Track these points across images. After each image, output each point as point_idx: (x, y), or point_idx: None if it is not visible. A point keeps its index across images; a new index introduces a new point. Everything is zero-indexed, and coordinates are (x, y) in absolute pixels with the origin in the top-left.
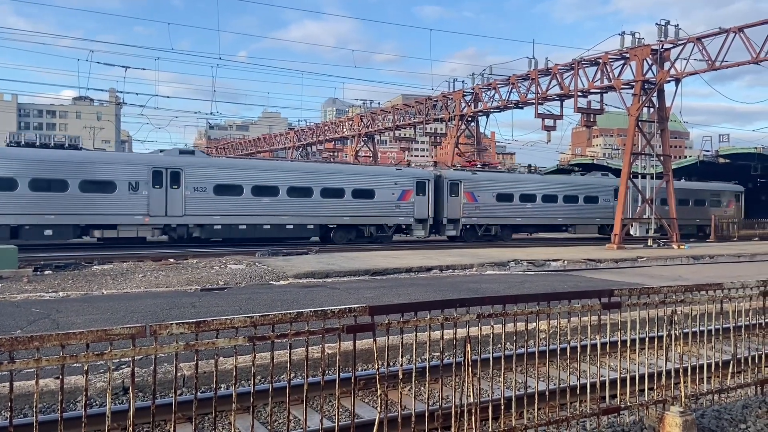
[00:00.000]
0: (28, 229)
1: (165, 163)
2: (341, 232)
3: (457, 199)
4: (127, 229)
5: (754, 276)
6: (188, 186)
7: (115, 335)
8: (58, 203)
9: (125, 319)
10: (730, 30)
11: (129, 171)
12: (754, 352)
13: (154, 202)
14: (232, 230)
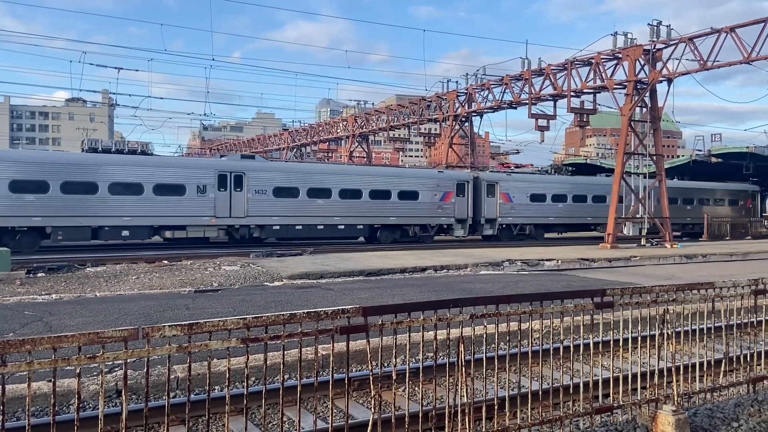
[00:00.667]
0: (107, 230)
1: (229, 167)
2: (387, 232)
3: (494, 199)
4: (195, 230)
5: (746, 275)
6: (250, 189)
7: (108, 338)
8: (134, 206)
9: (118, 322)
10: (721, 30)
11: (197, 175)
12: (746, 350)
13: (219, 204)
14: (289, 230)
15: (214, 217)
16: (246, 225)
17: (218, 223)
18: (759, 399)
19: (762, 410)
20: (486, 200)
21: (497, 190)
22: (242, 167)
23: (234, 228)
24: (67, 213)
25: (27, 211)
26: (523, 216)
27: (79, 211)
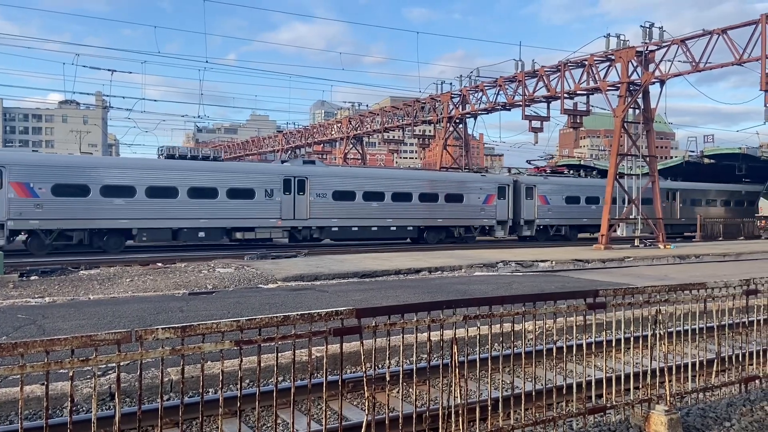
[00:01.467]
0: (186, 231)
1: (293, 172)
2: (433, 233)
3: (532, 202)
4: (263, 231)
5: (739, 275)
6: (312, 192)
7: (101, 341)
8: (209, 209)
9: (112, 324)
10: (713, 32)
11: (265, 179)
12: (737, 350)
13: (285, 207)
14: (346, 232)
15: (279, 219)
16: (308, 227)
17: (283, 225)
18: (751, 399)
19: (754, 410)
20: (525, 203)
21: (535, 192)
22: (305, 172)
23: (297, 229)
24: (150, 216)
25: (116, 214)
26: (559, 217)
27: (161, 214)
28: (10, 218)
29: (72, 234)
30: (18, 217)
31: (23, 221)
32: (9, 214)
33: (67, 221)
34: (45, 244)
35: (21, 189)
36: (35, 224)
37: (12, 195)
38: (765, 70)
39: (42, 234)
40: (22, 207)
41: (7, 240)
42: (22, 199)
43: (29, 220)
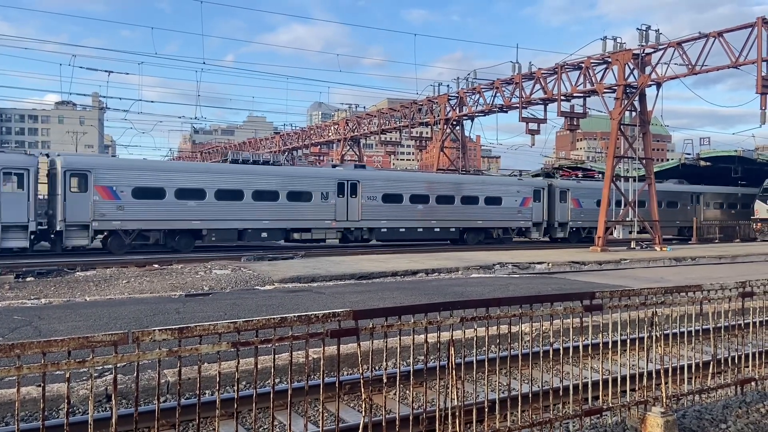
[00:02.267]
0: (250, 232)
1: (346, 176)
2: (473, 234)
3: (566, 205)
4: (319, 232)
5: (734, 277)
6: (363, 195)
7: (97, 342)
8: (271, 211)
9: (108, 326)
10: (709, 35)
11: (321, 183)
12: (733, 352)
13: (338, 209)
14: (394, 233)
15: (334, 221)
16: (360, 228)
17: (337, 226)
18: (747, 400)
19: (750, 412)
20: (559, 205)
21: (569, 196)
22: (357, 176)
23: (349, 230)
24: (219, 217)
25: (188, 216)
26: (591, 220)
27: (228, 215)
28: (94, 219)
29: (149, 234)
30: (101, 218)
31: (106, 222)
32: (94, 216)
33: (146, 222)
34: (125, 243)
35: (105, 192)
36: (117, 225)
37: (97, 198)
38: (761, 73)
39: (122, 234)
40: (105, 209)
41: (90, 239)
42: (105, 202)
43: (111, 221)
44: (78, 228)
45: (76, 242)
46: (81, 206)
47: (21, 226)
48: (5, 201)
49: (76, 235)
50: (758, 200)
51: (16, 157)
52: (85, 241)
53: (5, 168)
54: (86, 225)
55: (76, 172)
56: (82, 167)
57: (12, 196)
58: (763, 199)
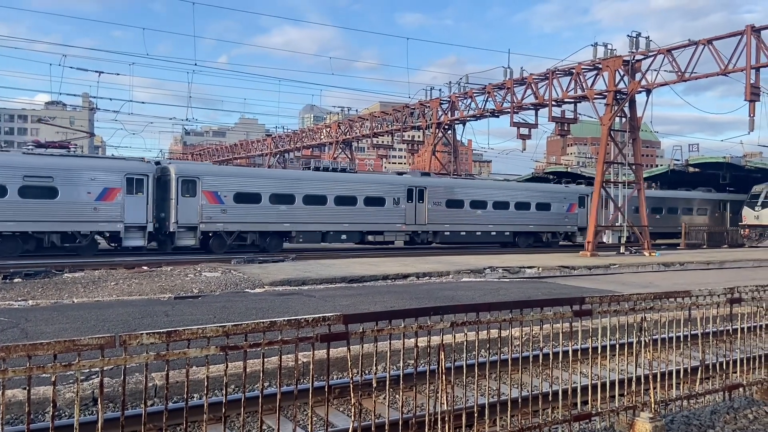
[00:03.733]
0: (331, 234)
1: (415, 183)
2: (523, 237)
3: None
4: (390, 235)
5: (722, 283)
6: (430, 201)
7: (84, 346)
8: (350, 215)
9: (96, 328)
10: (699, 42)
11: (393, 189)
12: (721, 358)
13: (408, 213)
14: (455, 236)
15: (404, 224)
16: (426, 231)
17: (406, 229)
18: (735, 406)
19: (738, 417)
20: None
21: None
22: (424, 183)
23: (417, 233)
24: (306, 220)
25: (280, 219)
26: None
27: (313, 218)
28: (202, 222)
29: (246, 235)
30: (208, 220)
31: (211, 224)
32: (201, 218)
33: (244, 224)
34: (226, 244)
35: (211, 197)
36: (220, 227)
37: (204, 202)
38: (750, 81)
39: (224, 235)
40: (211, 212)
41: (197, 240)
42: (211, 206)
43: (216, 223)
44: (187, 229)
45: (185, 242)
46: (190, 209)
47: (140, 227)
48: (128, 204)
49: (186, 235)
50: (746, 206)
51: (138, 164)
52: (193, 242)
53: (129, 174)
54: (194, 227)
55: (186, 178)
56: (191, 174)
57: (133, 200)
58: (750, 206)
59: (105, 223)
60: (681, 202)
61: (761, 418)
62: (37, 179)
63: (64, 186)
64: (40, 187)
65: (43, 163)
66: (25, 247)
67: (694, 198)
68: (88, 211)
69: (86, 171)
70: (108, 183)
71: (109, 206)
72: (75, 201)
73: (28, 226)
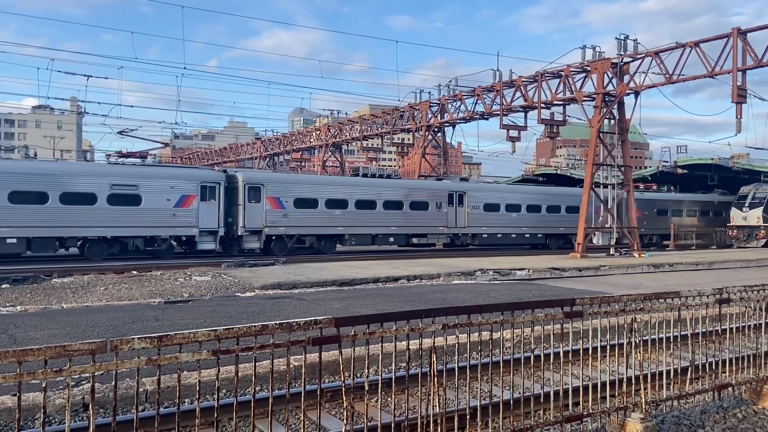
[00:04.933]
0: (381, 237)
1: (455, 188)
2: (554, 240)
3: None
4: (433, 237)
5: (711, 284)
6: (469, 205)
7: (75, 351)
8: (397, 219)
9: (86, 334)
10: (686, 45)
11: (436, 194)
12: (711, 358)
13: (449, 217)
14: (492, 238)
15: (445, 227)
16: (466, 234)
17: (448, 232)
18: (724, 406)
19: (727, 417)
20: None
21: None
22: (463, 188)
23: (457, 236)
24: (358, 224)
25: (335, 223)
26: (650, 227)
27: (364, 222)
28: (266, 226)
29: (305, 238)
30: (271, 225)
31: (274, 228)
32: (266, 223)
33: (303, 228)
34: (287, 246)
35: (274, 202)
36: (282, 230)
37: (268, 207)
38: (737, 83)
39: (286, 238)
40: (274, 217)
41: (262, 243)
42: (274, 211)
43: (278, 227)
44: (253, 233)
45: (250, 245)
46: (256, 215)
47: (212, 232)
48: (202, 210)
49: (251, 239)
50: (734, 207)
51: (210, 172)
52: (258, 245)
53: (203, 182)
54: (259, 230)
55: (252, 185)
56: (257, 181)
57: (207, 206)
58: (738, 207)
59: (182, 228)
60: (670, 203)
61: (750, 417)
62: (124, 188)
63: (147, 194)
64: (126, 195)
65: (128, 172)
66: (110, 251)
67: (683, 200)
68: (167, 217)
69: (166, 179)
70: (185, 191)
71: (185, 212)
72: (156, 208)
73: (116, 231)
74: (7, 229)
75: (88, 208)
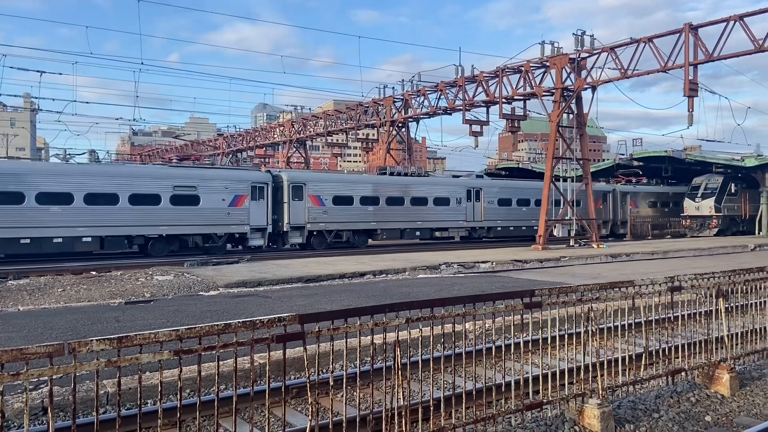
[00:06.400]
0: (408, 231)
1: (472, 184)
2: None
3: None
4: (453, 231)
5: (665, 272)
6: (485, 200)
7: (32, 354)
8: (423, 214)
9: (44, 337)
10: (640, 40)
11: (456, 191)
12: (664, 344)
13: (468, 211)
14: (505, 230)
15: (465, 221)
16: (482, 227)
17: (467, 225)
18: (678, 390)
19: (681, 401)
20: (621, 207)
21: (628, 198)
22: (480, 184)
23: (474, 229)
24: (388, 219)
25: (367, 218)
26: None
27: (394, 217)
28: (308, 222)
29: (342, 233)
30: (313, 221)
31: (315, 224)
32: (308, 219)
33: (341, 224)
34: (326, 241)
35: (315, 200)
36: (322, 226)
37: (310, 205)
38: (688, 77)
39: (325, 233)
40: (315, 213)
41: (304, 239)
42: (315, 208)
43: (319, 223)
44: (296, 229)
45: (294, 240)
46: (299, 212)
47: (261, 229)
48: (253, 208)
49: (295, 234)
50: (687, 198)
51: (259, 173)
52: (301, 240)
53: (253, 182)
54: (302, 226)
55: (296, 184)
56: (300, 180)
57: (257, 205)
58: (691, 197)
59: (235, 225)
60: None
61: (703, 400)
62: (184, 189)
63: (205, 194)
64: (187, 196)
65: (188, 174)
66: (171, 248)
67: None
68: (222, 215)
69: (221, 180)
70: (238, 191)
71: (238, 211)
72: (213, 207)
73: (177, 229)
74: (83, 228)
75: (154, 208)
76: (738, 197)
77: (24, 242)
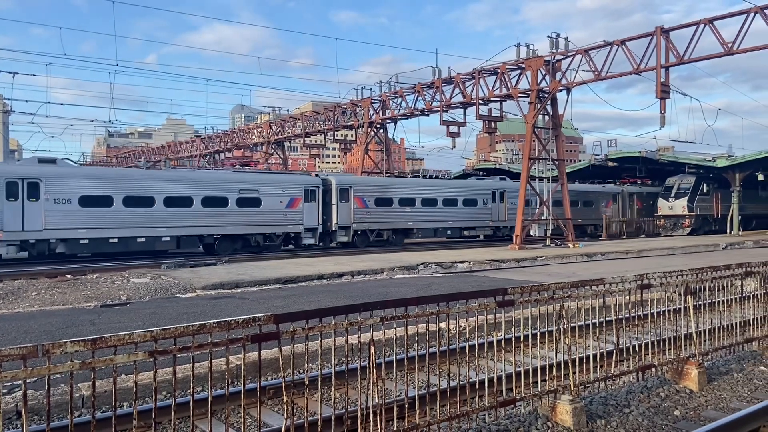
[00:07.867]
0: (440, 230)
1: (496, 186)
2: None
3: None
4: (480, 230)
5: (639, 271)
6: (508, 201)
7: (5, 356)
8: (453, 214)
9: (17, 341)
10: (614, 43)
11: (483, 192)
12: (634, 341)
13: (493, 211)
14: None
15: (490, 221)
16: (506, 226)
17: (492, 225)
18: (648, 386)
19: (651, 396)
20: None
21: (635, 198)
22: (503, 186)
23: (498, 228)
24: (423, 219)
25: (405, 218)
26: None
27: (428, 217)
28: (353, 222)
29: (383, 232)
30: (358, 221)
31: (359, 224)
32: (353, 220)
33: (382, 223)
34: (369, 240)
35: (359, 202)
36: (365, 226)
37: (355, 206)
38: (660, 79)
39: (368, 233)
40: (360, 214)
41: (351, 238)
42: (360, 209)
43: (363, 222)
44: (342, 228)
45: (341, 239)
46: (346, 212)
47: (313, 229)
48: (306, 210)
49: (342, 234)
50: (660, 198)
51: (311, 178)
52: (347, 239)
53: (306, 186)
54: (348, 226)
55: (343, 187)
56: (346, 183)
57: (309, 206)
58: (664, 197)
59: (291, 225)
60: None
61: (672, 395)
62: (248, 192)
63: (265, 197)
64: (250, 198)
65: (251, 178)
66: (235, 246)
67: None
68: (280, 216)
69: (279, 184)
70: (294, 194)
71: (294, 212)
72: (272, 209)
73: (242, 229)
74: (163, 228)
75: (222, 210)
76: (710, 197)
77: (112, 241)
